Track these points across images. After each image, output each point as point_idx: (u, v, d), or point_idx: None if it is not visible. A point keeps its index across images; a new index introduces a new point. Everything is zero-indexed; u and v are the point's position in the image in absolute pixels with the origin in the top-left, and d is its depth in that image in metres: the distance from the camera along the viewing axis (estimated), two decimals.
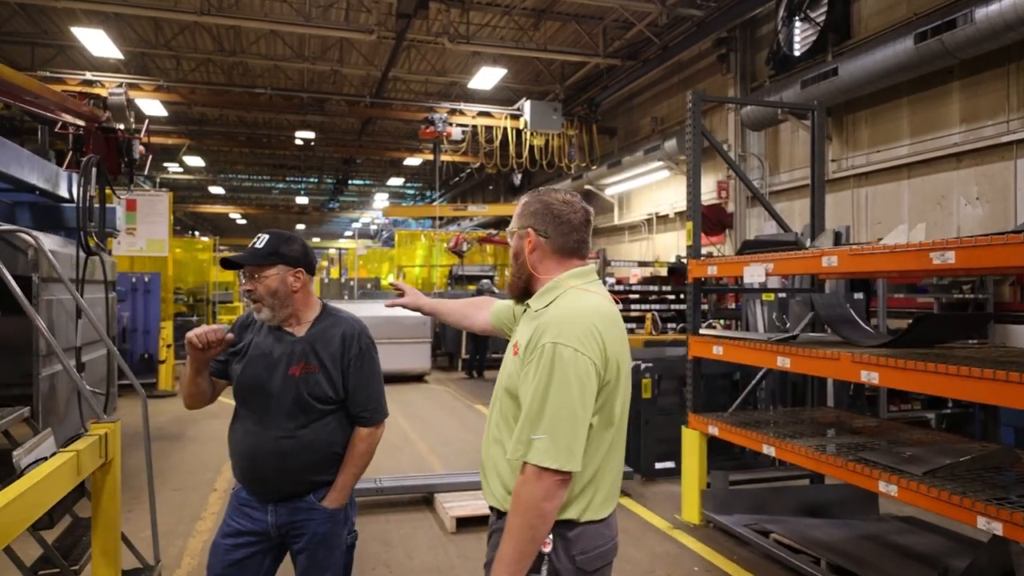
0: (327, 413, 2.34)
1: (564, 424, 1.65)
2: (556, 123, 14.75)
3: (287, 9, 12.46)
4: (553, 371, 1.66)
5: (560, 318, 1.73)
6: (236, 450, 2.37)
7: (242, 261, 2.30)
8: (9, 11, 12.83)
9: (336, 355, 2.35)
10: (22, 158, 6.77)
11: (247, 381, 2.34)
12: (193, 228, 38.52)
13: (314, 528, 2.33)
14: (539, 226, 1.89)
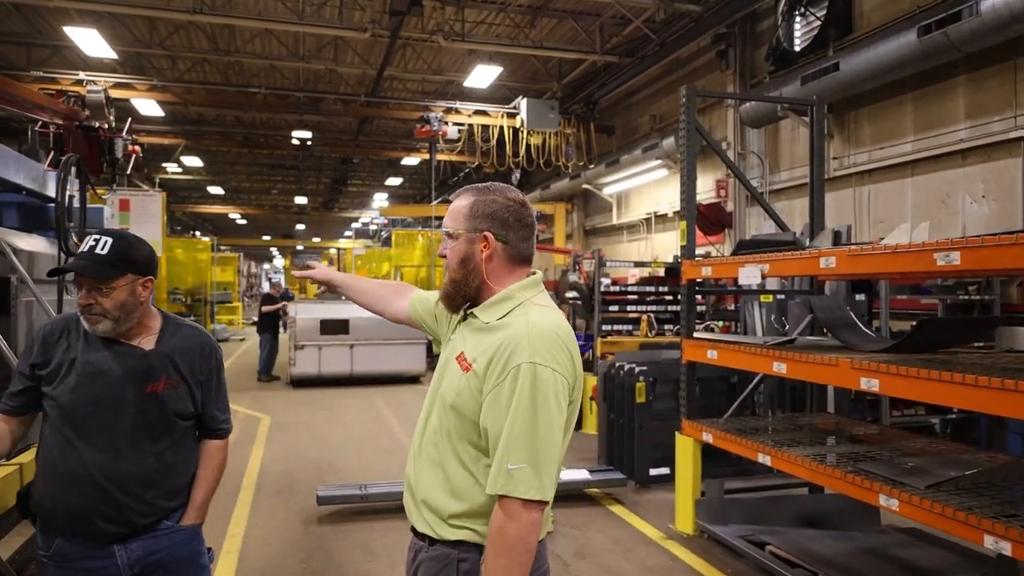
0: (186, 430, 2.19)
1: (547, 451, 1.54)
2: (553, 121, 14.58)
3: (281, 8, 12.29)
4: (535, 394, 1.54)
5: (531, 335, 1.59)
6: (76, 484, 1.99)
7: (85, 272, 1.99)
8: (4, 11, 12.68)
9: (194, 368, 2.18)
10: (7, 158, 6.64)
11: (83, 403, 2.02)
12: (194, 228, 38.47)
13: (177, 553, 2.13)
14: (498, 230, 1.71)
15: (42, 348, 2.06)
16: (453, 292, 1.74)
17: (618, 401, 6.36)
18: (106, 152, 6.26)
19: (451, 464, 1.66)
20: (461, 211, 1.73)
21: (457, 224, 1.73)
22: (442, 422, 1.69)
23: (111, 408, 2.01)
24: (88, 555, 2.03)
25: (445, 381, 1.71)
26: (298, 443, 7.91)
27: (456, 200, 1.77)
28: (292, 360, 12.02)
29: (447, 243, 1.76)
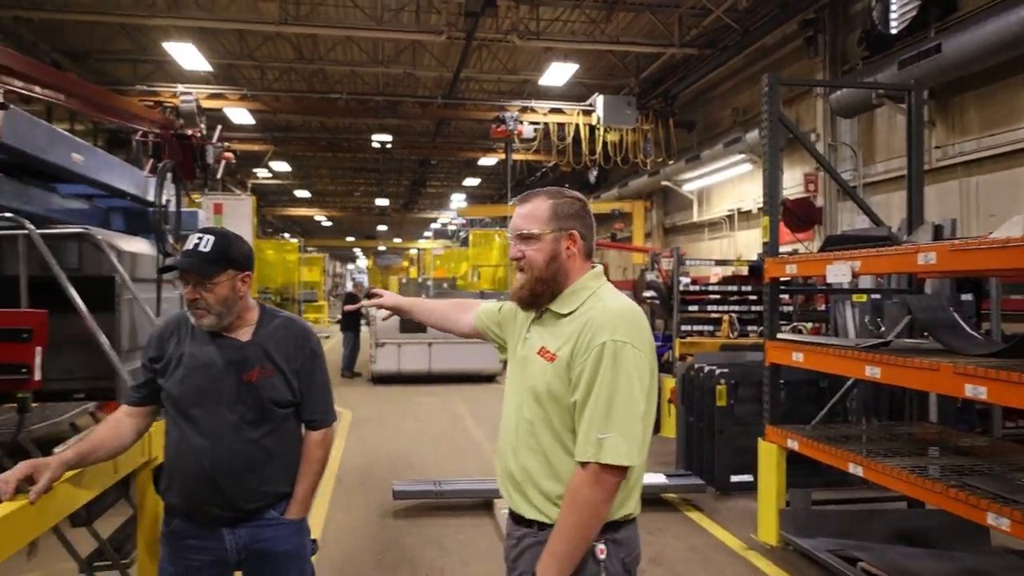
0: (285, 418, 2.22)
1: (632, 421, 1.67)
2: (630, 118, 14.33)
3: (360, 15, 12.58)
4: (617, 369, 1.67)
5: (610, 316, 1.73)
6: (188, 469, 2.12)
7: (191, 268, 2.08)
8: (112, 31, 13.53)
9: (290, 357, 2.22)
10: (113, 166, 7.05)
11: (190, 393, 2.13)
12: (283, 230, 39.94)
13: (282, 545, 2.19)
14: (581, 228, 1.86)
15: (157, 343, 2.19)
16: (541, 290, 1.83)
17: (697, 404, 6.16)
18: (198, 158, 6.55)
19: (553, 451, 1.77)
20: (542, 213, 1.83)
21: (540, 226, 1.83)
22: (536, 413, 1.79)
23: (213, 398, 2.11)
24: (200, 536, 2.14)
25: (531, 375, 1.82)
26: (377, 438, 8.05)
27: (529, 203, 1.87)
28: (373, 357, 12.27)
29: (522, 245, 1.84)
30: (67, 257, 5.30)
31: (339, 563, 4.41)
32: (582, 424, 1.69)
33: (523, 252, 1.84)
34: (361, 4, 12.36)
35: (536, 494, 1.79)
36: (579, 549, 1.67)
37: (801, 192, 11.48)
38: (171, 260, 2.10)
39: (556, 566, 1.66)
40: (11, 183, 5.56)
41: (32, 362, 2.33)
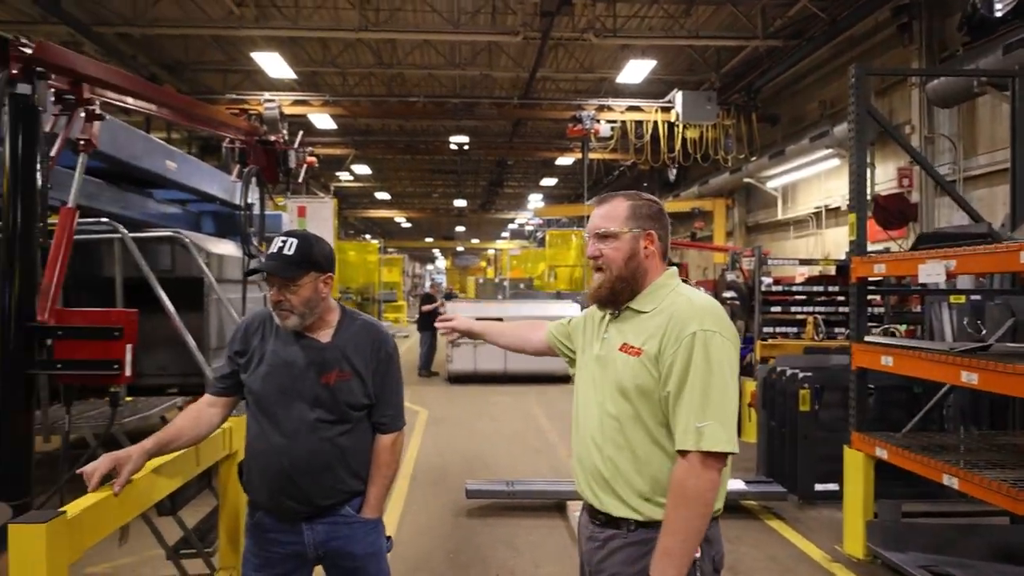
0: (360, 419, 2.26)
1: (727, 408, 1.68)
2: (710, 113, 13.98)
3: (437, 19, 12.75)
4: (709, 358, 1.68)
5: (696, 308, 1.76)
6: (266, 464, 2.19)
7: (275, 271, 2.13)
8: (204, 43, 14.20)
9: (367, 361, 2.26)
10: (204, 172, 7.41)
11: (271, 391, 2.19)
12: (364, 232, 40.97)
13: (357, 543, 2.24)
14: (659, 230, 1.90)
15: (243, 337, 2.26)
16: (621, 288, 1.86)
17: (779, 408, 5.95)
18: (281, 163, 6.77)
19: (642, 446, 1.77)
20: (620, 213, 1.87)
21: (619, 225, 1.87)
22: (623, 409, 1.79)
23: (292, 396, 2.17)
24: (281, 529, 2.21)
25: (614, 372, 1.82)
26: (452, 437, 8.14)
27: (607, 204, 1.91)
28: (449, 357, 12.43)
29: (600, 244, 1.88)
30: (160, 259, 5.60)
31: (413, 561, 4.47)
32: (679, 414, 1.69)
33: (601, 251, 1.88)
34: (438, 8, 12.54)
35: (627, 490, 1.78)
36: (693, 543, 1.66)
37: (894, 187, 10.92)
38: (256, 263, 2.17)
39: (673, 564, 1.64)
40: (111, 189, 5.91)
41: (123, 359, 2.45)
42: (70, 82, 2.71)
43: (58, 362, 2.46)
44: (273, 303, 2.17)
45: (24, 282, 2.43)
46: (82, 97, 2.76)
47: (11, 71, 2.37)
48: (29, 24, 11.98)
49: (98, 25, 12.09)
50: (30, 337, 2.43)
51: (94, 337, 2.46)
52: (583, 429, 1.91)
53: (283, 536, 2.21)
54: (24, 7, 11.34)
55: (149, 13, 11.99)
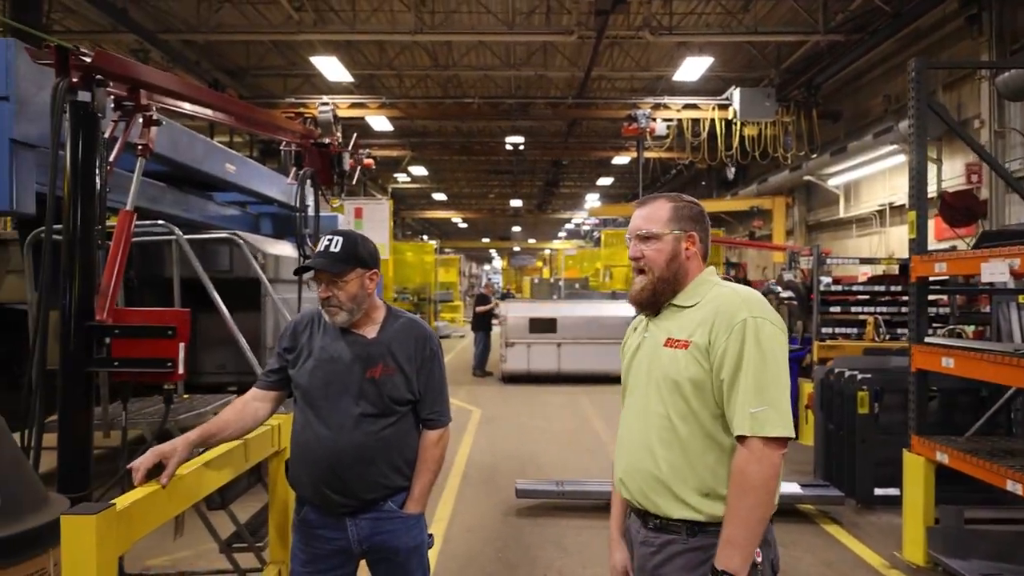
0: (404, 415, 2.29)
1: (781, 393, 1.67)
2: (769, 110, 13.66)
3: (492, 20, 12.82)
4: (761, 344, 1.68)
5: (742, 297, 1.76)
6: (311, 457, 2.23)
7: (323, 268, 2.20)
8: (265, 49, 14.63)
9: (411, 357, 2.30)
10: (262, 175, 7.63)
11: (317, 384, 2.24)
12: (422, 233, 41.47)
13: (401, 536, 2.27)
14: (700, 232, 1.90)
15: (292, 334, 2.33)
16: (662, 289, 1.85)
17: (837, 411, 5.77)
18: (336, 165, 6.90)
19: (693, 440, 1.74)
20: (662, 215, 1.87)
21: (660, 226, 1.86)
22: (673, 404, 1.77)
23: (338, 390, 2.22)
24: (326, 525, 2.26)
25: (661, 368, 1.80)
26: (504, 436, 8.17)
27: (649, 206, 1.91)
28: (503, 357, 12.47)
29: (642, 245, 1.87)
30: (219, 260, 5.78)
31: (462, 558, 4.52)
32: (735, 401, 1.68)
33: (643, 252, 1.87)
34: (493, 9, 12.60)
35: (684, 488, 1.74)
36: (757, 532, 1.63)
37: (962, 184, 10.47)
38: (306, 261, 2.23)
39: (739, 555, 1.62)
40: (173, 192, 6.13)
41: (176, 357, 2.55)
42: (128, 89, 2.83)
43: (115, 360, 2.57)
44: (322, 299, 2.23)
45: (84, 283, 2.55)
46: (139, 103, 2.88)
47: (71, 79, 2.50)
48: (100, 33, 12.56)
49: (164, 33, 12.58)
50: (89, 336, 2.54)
51: (149, 336, 2.56)
52: (629, 434, 1.89)
53: (328, 532, 2.26)
54: (96, 17, 11.87)
55: (212, 20, 12.41)
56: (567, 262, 26.79)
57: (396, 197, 29.76)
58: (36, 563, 1.95)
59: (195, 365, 6.11)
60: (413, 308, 21.63)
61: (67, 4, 11.21)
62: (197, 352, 6.10)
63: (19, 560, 1.90)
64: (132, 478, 1.91)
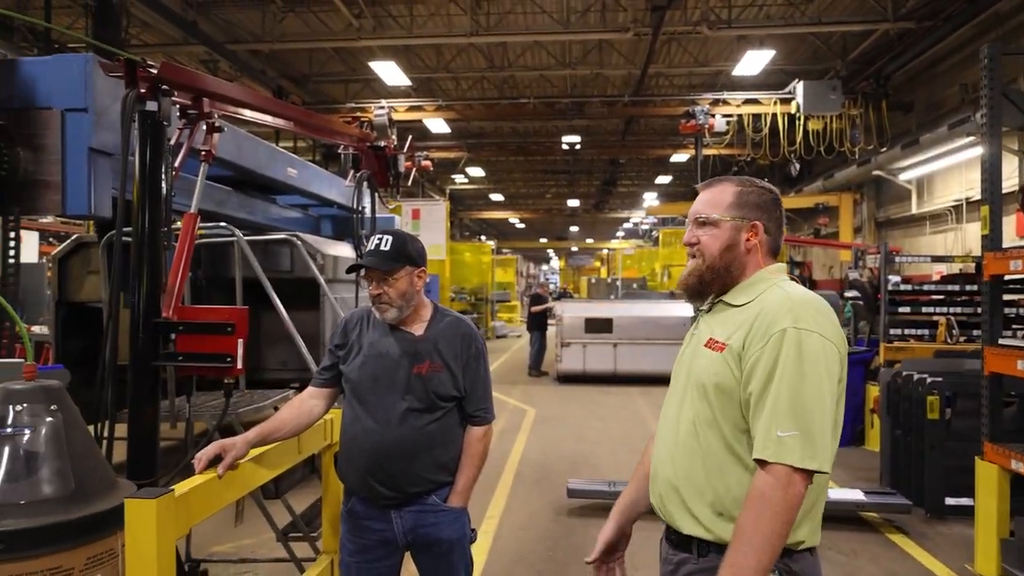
0: (449, 411, 2.34)
1: (817, 419, 1.47)
2: (835, 103, 13.24)
3: (547, 19, 12.83)
4: (801, 360, 1.49)
5: (793, 303, 1.57)
6: (358, 450, 2.29)
7: (375, 265, 2.27)
8: (327, 56, 15.00)
9: (457, 354, 2.35)
10: (323, 178, 7.84)
11: (366, 379, 2.30)
12: (479, 233, 41.76)
13: (444, 530, 2.32)
14: (766, 221, 1.73)
15: (343, 332, 2.41)
16: (710, 279, 1.71)
17: (904, 416, 5.57)
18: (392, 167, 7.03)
19: (714, 452, 1.61)
20: (724, 199, 1.72)
21: (720, 211, 1.71)
22: (700, 410, 1.63)
23: (386, 385, 2.28)
24: (372, 516, 2.32)
25: (697, 370, 1.66)
26: (558, 436, 8.16)
27: (712, 188, 1.76)
28: (558, 357, 12.46)
29: (698, 230, 1.73)
30: (281, 261, 5.96)
31: (512, 555, 4.54)
32: (760, 419, 1.50)
33: (698, 237, 1.73)
34: (548, 9, 12.61)
35: (698, 503, 1.61)
36: (766, 558, 1.45)
37: None
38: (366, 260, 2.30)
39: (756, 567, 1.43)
40: (238, 196, 6.35)
41: (235, 352, 2.64)
42: (192, 98, 2.95)
43: (180, 355, 2.68)
44: (372, 297, 2.30)
45: (151, 282, 2.67)
46: (203, 111, 2.99)
47: (140, 90, 2.62)
48: (174, 45, 13.10)
49: (232, 43, 13.01)
50: (156, 332, 2.66)
51: (210, 332, 2.66)
52: (659, 439, 1.76)
53: (374, 523, 2.32)
54: (169, 31, 12.38)
55: (276, 30, 12.78)
56: (625, 262, 26.56)
57: (454, 198, 30.05)
58: (106, 543, 2.05)
59: (258, 362, 6.32)
60: (470, 308, 21.80)
61: (143, 19, 11.70)
62: (260, 349, 6.29)
63: (90, 540, 2.01)
64: (194, 467, 2.01)
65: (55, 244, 13.83)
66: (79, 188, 3.84)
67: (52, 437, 2.06)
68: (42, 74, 3.87)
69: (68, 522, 1.96)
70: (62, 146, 3.86)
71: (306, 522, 3.35)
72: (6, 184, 3.83)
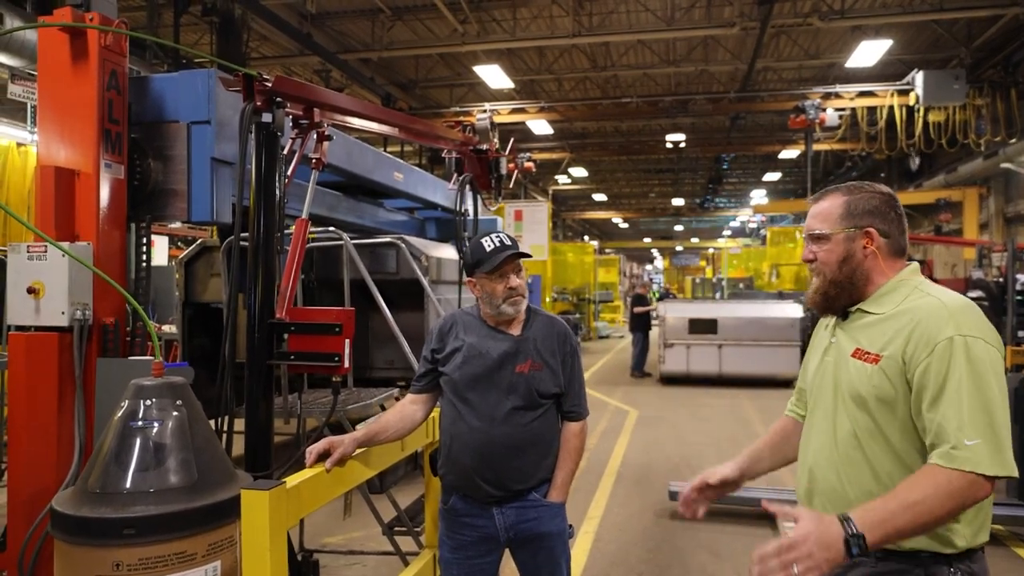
0: (548, 408, 2.39)
1: (1000, 423, 1.46)
2: (958, 93, 12.37)
3: (651, 17, 12.67)
4: (973, 368, 1.47)
5: (950, 309, 1.54)
6: (463, 448, 2.33)
7: (519, 252, 2.35)
8: (433, 61, 15.42)
9: (555, 351, 2.41)
10: (428, 182, 8.08)
11: (469, 379, 2.35)
12: (583, 234, 41.67)
13: (545, 524, 2.36)
14: (880, 225, 1.70)
15: (439, 337, 2.46)
16: (836, 294, 1.72)
17: None
18: (493, 170, 7.16)
19: (882, 462, 1.60)
20: (834, 211, 1.73)
21: (831, 225, 1.72)
22: (861, 421, 1.62)
23: (487, 384, 2.33)
24: (473, 513, 2.37)
25: (848, 381, 1.65)
26: (660, 438, 8.05)
27: (822, 201, 1.77)
28: (661, 358, 12.27)
29: (814, 246, 1.75)
30: (387, 263, 6.18)
31: (612, 555, 4.55)
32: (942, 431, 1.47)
33: (815, 254, 1.75)
34: (651, 7, 12.44)
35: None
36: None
37: None
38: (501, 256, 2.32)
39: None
40: (348, 200, 6.64)
41: (342, 351, 2.78)
42: (303, 108, 3.13)
43: (292, 354, 2.86)
44: (508, 290, 2.33)
45: (266, 284, 2.86)
46: (313, 121, 3.17)
47: (256, 103, 2.80)
48: (290, 57, 13.83)
49: (343, 53, 13.59)
50: (271, 332, 2.85)
51: (320, 332, 2.82)
52: (814, 446, 1.74)
53: (475, 520, 2.37)
54: (286, 43, 13.08)
55: (385, 38, 13.25)
56: (731, 261, 25.78)
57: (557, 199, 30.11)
58: (225, 531, 2.22)
59: (367, 360, 6.57)
60: (572, 308, 21.78)
61: (262, 32, 12.42)
62: (368, 349, 6.55)
63: (211, 527, 2.18)
64: (305, 460, 2.14)
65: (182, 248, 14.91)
66: (203, 196, 4.13)
67: (177, 430, 2.24)
68: (170, 89, 4.19)
69: (192, 510, 2.13)
70: (188, 157, 4.18)
71: (410, 516, 3.47)
72: (139, 193, 4.18)
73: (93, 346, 3.86)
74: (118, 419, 2.23)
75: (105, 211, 4.05)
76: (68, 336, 3.74)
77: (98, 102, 3.96)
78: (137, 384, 2.28)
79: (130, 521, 2.06)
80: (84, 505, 2.12)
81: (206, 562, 2.16)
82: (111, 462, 2.18)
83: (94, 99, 3.95)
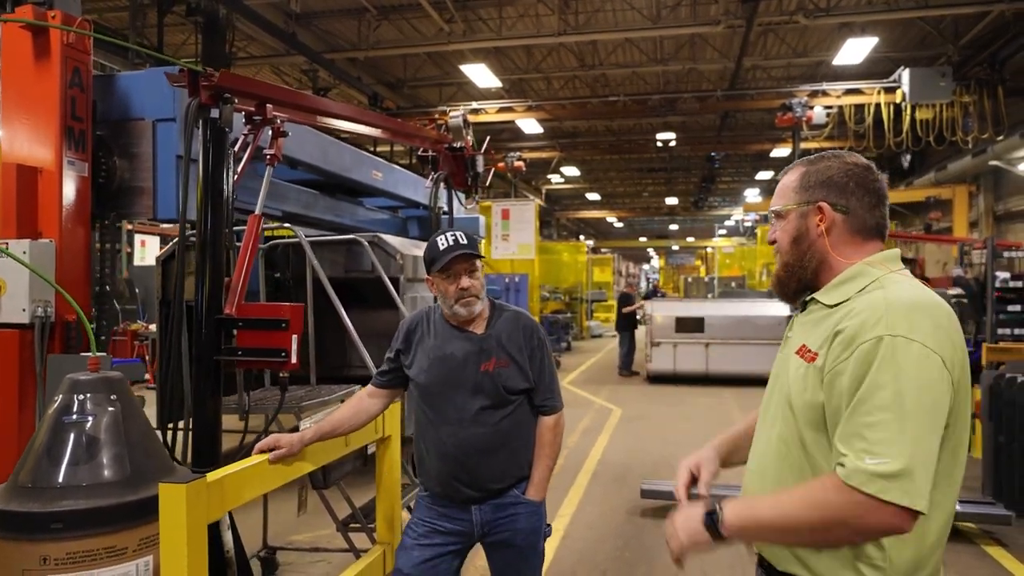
0: (519, 404, 2.36)
1: (916, 447, 1.23)
2: (944, 91, 12.37)
3: (637, 16, 12.66)
4: (898, 373, 1.24)
5: (889, 305, 1.31)
6: (438, 452, 2.33)
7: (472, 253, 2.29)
8: (420, 60, 15.39)
9: (521, 347, 2.37)
10: (408, 181, 8.08)
11: (435, 382, 2.33)
12: (578, 233, 41.65)
13: (522, 522, 2.34)
14: (835, 199, 1.46)
15: (405, 335, 2.44)
16: (787, 277, 1.53)
17: (1008, 421, 5.16)
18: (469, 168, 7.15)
19: (800, 477, 1.41)
20: (790, 186, 1.53)
21: (786, 200, 1.52)
22: (788, 427, 1.43)
23: (455, 386, 2.31)
24: (451, 509, 2.36)
25: (785, 381, 1.47)
26: (642, 437, 8.05)
27: (784, 175, 1.57)
28: (648, 357, 12.27)
29: (776, 225, 1.56)
30: (363, 261, 6.17)
31: (579, 552, 4.54)
32: (844, 444, 1.28)
33: (774, 234, 1.56)
34: (637, 5, 12.44)
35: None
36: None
37: None
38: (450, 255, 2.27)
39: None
40: (325, 199, 6.63)
41: (289, 347, 2.78)
42: (256, 104, 3.12)
43: (239, 349, 2.85)
44: (461, 291, 2.28)
45: (214, 280, 2.85)
46: (266, 117, 3.16)
47: (201, 98, 2.80)
48: (277, 56, 13.80)
49: (329, 52, 13.57)
50: (218, 328, 2.84)
51: (267, 328, 2.82)
52: (756, 449, 1.56)
53: (453, 513, 2.36)
54: (271, 43, 13.05)
55: (371, 37, 13.23)
56: (724, 260, 25.79)
57: (550, 198, 30.07)
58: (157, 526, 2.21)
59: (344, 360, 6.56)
60: (564, 308, 21.75)
61: (248, 33, 12.39)
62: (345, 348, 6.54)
63: (142, 522, 2.18)
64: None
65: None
66: (168, 193, 4.14)
67: (112, 425, 2.24)
68: (135, 87, 4.20)
69: (122, 504, 2.14)
70: (153, 154, 4.18)
71: (365, 514, 3.47)
72: (104, 190, 4.18)
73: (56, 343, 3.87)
74: (51, 413, 2.23)
75: (69, 208, 4.05)
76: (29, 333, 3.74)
77: (60, 99, 3.96)
78: (72, 379, 2.28)
79: (57, 515, 2.06)
80: (13, 500, 2.12)
81: (137, 556, 2.16)
82: (43, 456, 2.18)
83: (56, 96, 3.95)
